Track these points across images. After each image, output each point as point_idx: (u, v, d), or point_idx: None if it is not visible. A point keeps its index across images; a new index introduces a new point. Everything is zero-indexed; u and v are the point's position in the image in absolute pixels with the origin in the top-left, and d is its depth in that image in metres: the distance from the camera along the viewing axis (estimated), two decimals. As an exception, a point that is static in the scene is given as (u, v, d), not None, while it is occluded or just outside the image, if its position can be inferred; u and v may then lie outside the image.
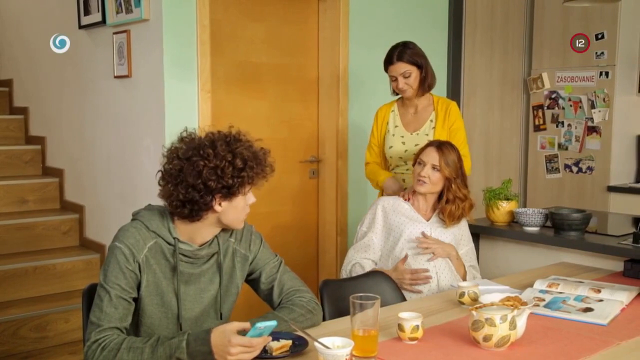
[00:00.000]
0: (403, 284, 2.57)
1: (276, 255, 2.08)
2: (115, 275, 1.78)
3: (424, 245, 2.64)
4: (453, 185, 2.70)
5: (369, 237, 2.75)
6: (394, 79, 3.12)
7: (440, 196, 2.76)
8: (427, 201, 2.77)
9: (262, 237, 2.06)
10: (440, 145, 2.72)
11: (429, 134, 3.13)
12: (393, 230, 2.72)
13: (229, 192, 1.80)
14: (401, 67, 3.07)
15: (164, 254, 1.85)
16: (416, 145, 3.11)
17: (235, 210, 1.84)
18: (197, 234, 1.87)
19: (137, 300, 1.84)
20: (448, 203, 2.71)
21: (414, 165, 2.78)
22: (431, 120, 3.17)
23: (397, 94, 3.23)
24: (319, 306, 2.02)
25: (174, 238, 1.85)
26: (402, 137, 3.18)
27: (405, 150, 3.14)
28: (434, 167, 2.68)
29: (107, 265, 1.81)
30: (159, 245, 1.85)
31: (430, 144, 2.77)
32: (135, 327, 1.88)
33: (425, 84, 3.13)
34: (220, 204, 1.81)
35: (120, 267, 1.79)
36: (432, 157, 2.69)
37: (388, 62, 3.12)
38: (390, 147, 3.19)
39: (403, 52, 3.08)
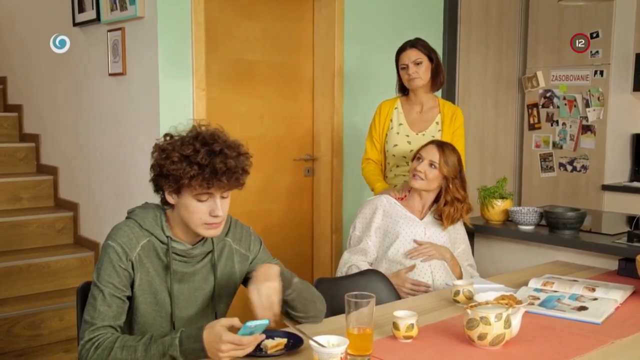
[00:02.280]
0: (401, 291, 2.57)
1: (275, 259, 2.07)
2: (108, 273, 1.78)
3: (418, 255, 2.63)
4: (451, 186, 2.68)
5: (364, 242, 2.73)
6: (403, 67, 3.11)
7: (438, 197, 2.75)
8: (422, 200, 2.76)
9: (261, 240, 2.06)
10: (442, 144, 2.71)
11: (435, 135, 3.12)
12: (389, 232, 2.71)
13: (169, 181, 1.76)
14: (413, 54, 3.09)
15: (156, 252, 1.85)
16: None
17: (186, 210, 1.79)
18: (185, 230, 1.86)
19: (130, 298, 1.83)
20: (446, 205, 2.69)
21: (412, 161, 2.77)
22: (437, 123, 3.16)
23: (403, 91, 3.21)
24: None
25: (167, 237, 1.85)
26: (408, 136, 3.16)
27: (411, 150, 3.11)
28: (431, 164, 2.66)
29: (100, 264, 1.80)
30: (152, 244, 1.84)
31: (432, 141, 2.76)
32: (129, 326, 1.87)
33: (437, 80, 3.15)
34: (171, 196, 1.81)
35: (113, 266, 1.78)
36: (431, 153, 2.68)
37: (400, 50, 3.14)
38: (395, 145, 3.17)
39: (416, 42, 3.14)
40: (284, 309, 1.92)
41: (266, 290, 1.77)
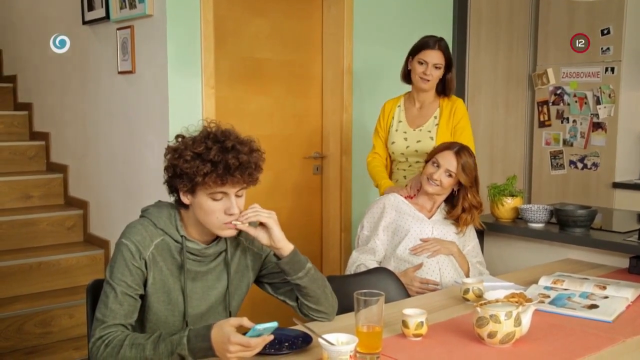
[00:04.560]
0: (410, 290, 2.56)
1: None
2: (121, 272, 1.78)
3: (422, 251, 2.63)
4: (469, 195, 2.68)
5: (372, 242, 2.73)
6: (422, 62, 3.07)
7: (451, 198, 2.74)
8: (432, 200, 2.75)
9: None
10: (459, 152, 2.67)
11: (431, 130, 3.12)
12: (398, 230, 2.70)
13: (183, 180, 1.76)
14: (437, 57, 3.06)
15: (170, 251, 1.85)
16: (418, 141, 3.10)
17: (201, 210, 1.79)
18: (199, 230, 1.86)
19: (143, 297, 1.83)
20: (464, 212, 2.70)
21: (426, 162, 2.75)
22: (435, 117, 3.16)
23: (407, 79, 3.19)
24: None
25: (182, 236, 1.85)
26: (405, 132, 3.17)
27: (407, 147, 3.13)
28: (448, 173, 2.66)
29: (113, 262, 1.80)
30: (166, 243, 1.84)
31: (449, 147, 2.71)
32: (141, 324, 1.87)
33: (447, 89, 3.13)
34: (186, 196, 1.80)
35: (126, 264, 1.78)
36: (449, 162, 2.65)
37: (425, 46, 3.07)
38: (393, 142, 3.18)
39: (443, 44, 3.09)
40: (295, 298, 1.94)
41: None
